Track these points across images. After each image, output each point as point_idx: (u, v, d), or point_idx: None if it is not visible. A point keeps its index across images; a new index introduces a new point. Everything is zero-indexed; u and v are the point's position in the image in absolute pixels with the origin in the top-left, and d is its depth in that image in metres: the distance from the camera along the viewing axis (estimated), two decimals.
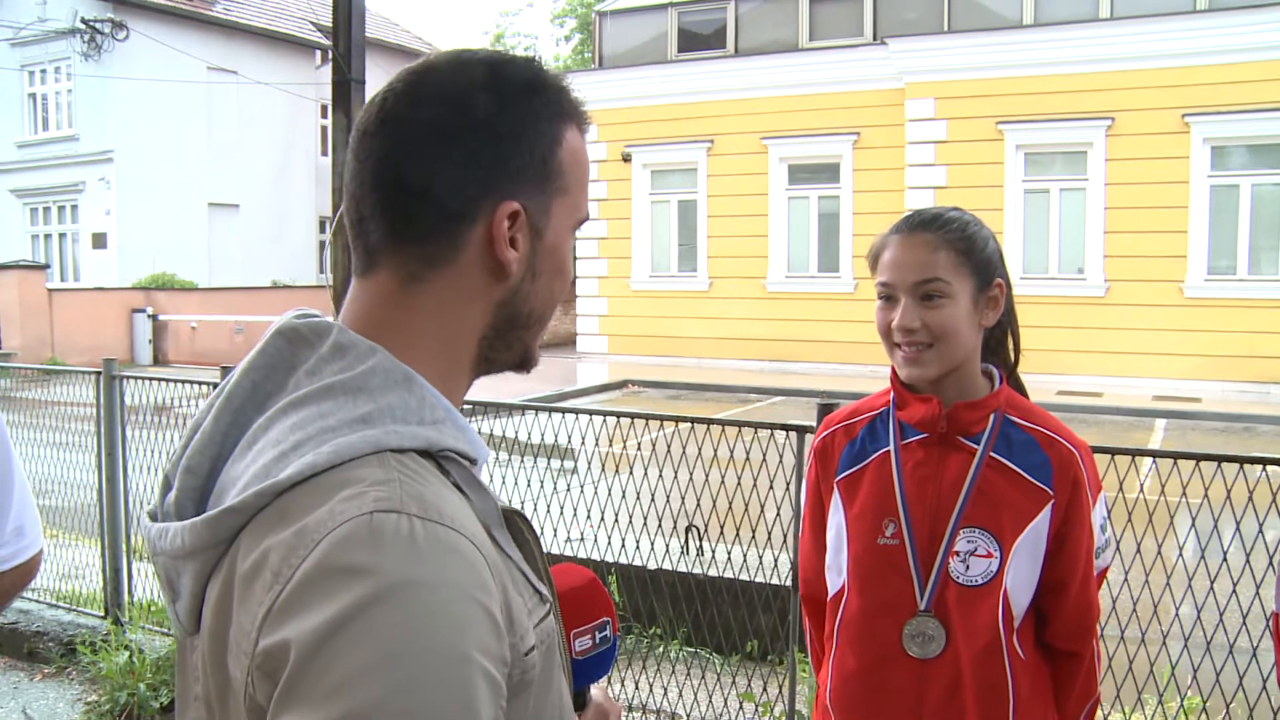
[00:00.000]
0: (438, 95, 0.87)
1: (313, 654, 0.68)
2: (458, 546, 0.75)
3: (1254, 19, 13.72)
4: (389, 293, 0.88)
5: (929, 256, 1.65)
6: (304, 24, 24.08)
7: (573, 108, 0.94)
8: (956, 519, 1.66)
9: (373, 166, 0.87)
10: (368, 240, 0.89)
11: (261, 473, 0.79)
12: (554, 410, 3.89)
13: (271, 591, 0.73)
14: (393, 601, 0.69)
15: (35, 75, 22.49)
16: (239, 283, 21.63)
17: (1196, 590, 2.88)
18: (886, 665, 1.70)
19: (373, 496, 0.74)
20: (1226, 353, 14.10)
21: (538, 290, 0.93)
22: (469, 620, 0.72)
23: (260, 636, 0.72)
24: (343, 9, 4.70)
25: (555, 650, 0.88)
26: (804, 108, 16.86)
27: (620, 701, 4.03)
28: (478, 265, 0.88)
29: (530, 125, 0.89)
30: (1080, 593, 1.69)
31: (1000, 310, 1.72)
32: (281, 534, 0.75)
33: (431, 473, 0.81)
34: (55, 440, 5.91)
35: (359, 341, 0.85)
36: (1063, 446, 1.68)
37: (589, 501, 3.85)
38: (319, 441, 0.78)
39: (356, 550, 0.71)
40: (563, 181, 0.92)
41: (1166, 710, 3.26)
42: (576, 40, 31.81)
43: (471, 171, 0.86)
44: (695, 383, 15.56)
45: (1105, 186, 14.77)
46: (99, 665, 4.24)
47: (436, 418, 0.84)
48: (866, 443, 1.77)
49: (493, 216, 0.87)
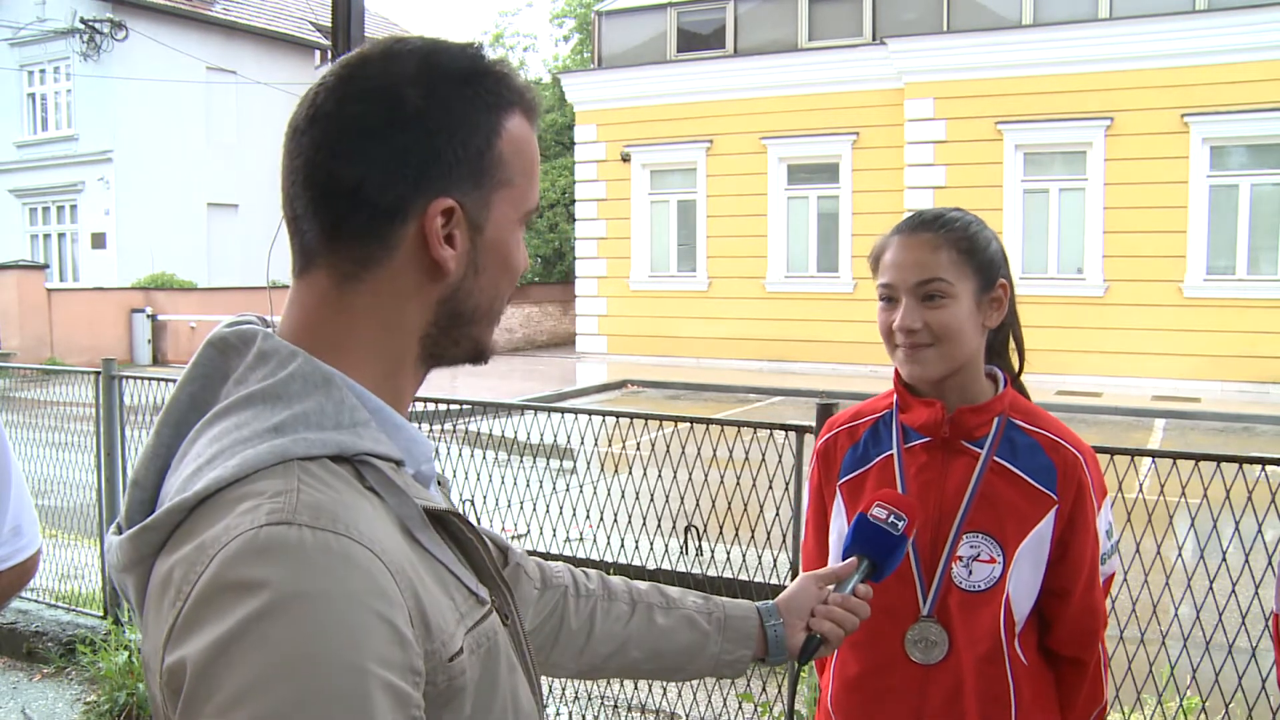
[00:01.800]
0: (367, 90, 0.85)
1: (205, 671, 0.68)
2: (350, 555, 0.73)
3: (1254, 19, 13.72)
4: (324, 294, 0.87)
5: (930, 256, 1.63)
6: (303, 24, 24.07)
7: (515, 95, 0.90)
8: (959, 524, 1.65)
9: (303, 164, 0.85)
10: (303, 239, 0.87)
11: (181, 487, 0.79)
12: (553, 410, 3.89)
13: (174, 609, 0.73)
14: (282, 615, 0.69)
15: (34, 75, 22.48)
16: (238, 283, 21.61)
17: (1196, 590, 2.88)
18: (888, 670, 1.69)
19: (266, 509, 0.73)
20: (1226, 352, 14.10)
21: (481, 285, 0.90)
22: (364, 631, 0.71)
23: (165, 654, 0.72)
24: (342, 9, 4.69)
25: (500, 652, 0.86)
26: (803, 108, 16.87)
27: (621, 702, 4.03)
28: (413, 264, 0.86)
29: (463, 118, 0.86)
30: (1084, 599, 1.67)
31: (1004, 312, 1.71)
32: (185, 550, 0.74)
33: (342, 479, 0.79)
34: (54, 440, 5.91)
35: (281, 347, 0.84)
36: (1067, 451, 1.66)
37: (588, 501, 3.85)
38: (230, 454, 0.78)
39: (247, 564, 0.71)
40: (504, 173, 0.89)
41: (1166, 710, 3.26)
42: (575, 40, 31.81)
43: (401, 169, 0.84)
44: (695, 383, 15.55)
45: (1104, 186, 14.77)
46: (98, 665, 4.23)
47: (356, 420, 0.83)
48: (869, 446, 1.76)
49: (425, 214, 0.85)
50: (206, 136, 22.37)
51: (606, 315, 18.89)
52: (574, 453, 4.24)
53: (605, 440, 7.72)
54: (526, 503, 3.97)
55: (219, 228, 22.71)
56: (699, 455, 3.49)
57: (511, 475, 3.96)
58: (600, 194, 18.83)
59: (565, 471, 4.19)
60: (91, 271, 21.56)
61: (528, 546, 4.30)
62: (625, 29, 19.01)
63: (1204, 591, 2.87)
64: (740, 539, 3.80)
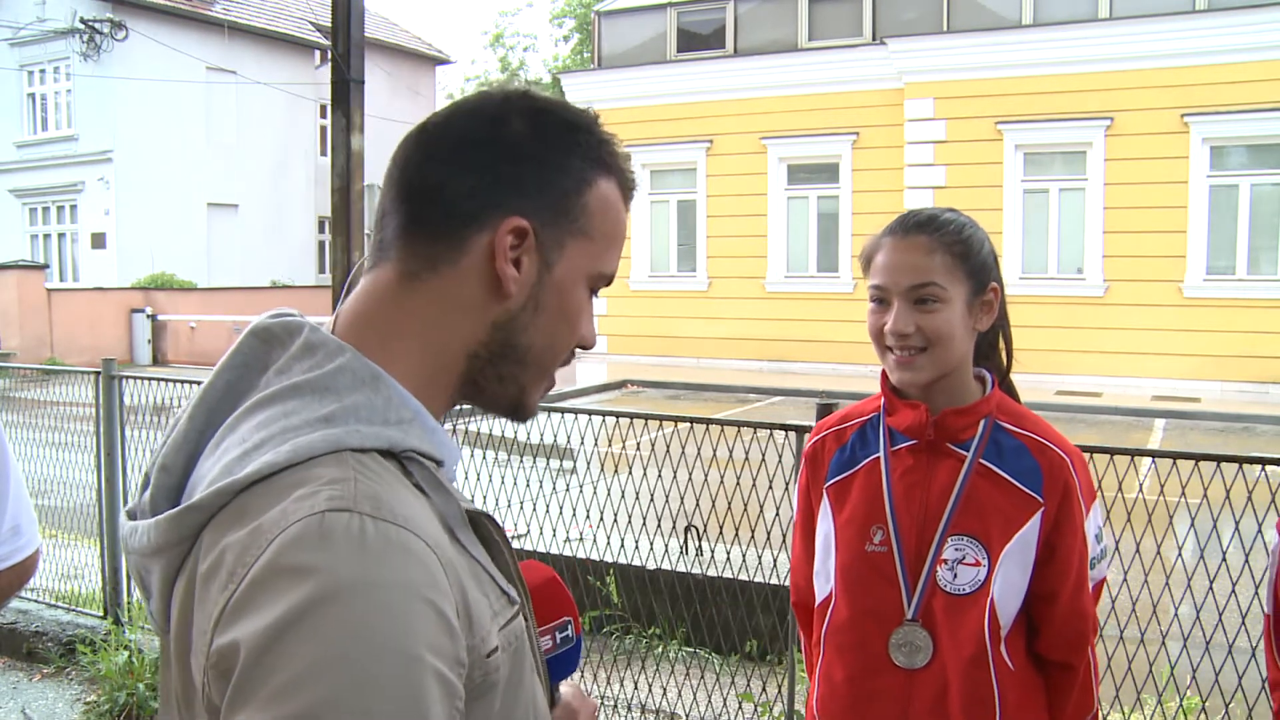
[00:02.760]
0: (476, 110, 0.90)
1: (261, 654, 0.68)
2: (409, 545, 0.74)
3: (1254, 19, 13.72)
4: (386, 288, 0.89)
5: (924, 260, 1.61)
6: (303, 24, 24.07)
7: (613, 161, 0.93)
8: (945, 527, 1.64)
9: (401, 165, 0.90)
10: (383, 234, 0.90)
11: (224, 471, 0.79)
12: (554, 410, 3.89)
13: (226, 591, 0.73)
14: (341, 601, 0.69)
15: (34, 75, 22.48)
16: (238, 283, 21.62)
17: (1196, 590, 2.88)
18: (873, 675, 1.68)
19: (325, 495, 0.74)
20: (1225, 352, 14.10)
21: (539, 325, 0.91)
22: (420, 620, 0.72)
23: (214, 636, 0.72)
24: (342, 9, 4.69)
25: (526, 652, 0.88)
26: (803, 108, 16.87)
27: (621, 702, 4.03)
28: (476, 275, 0.88)
29: (558, 156, 0.89)
30: (1072, 603, 1.65)
31: (995, 315, 1.70)
32: (238, 533, 0.74)
33: (392, 473, 0.80)
34: (54, 440, 5.91)
35: (328, 340, 0.85)
36: (1054, 453, 1.65)
37: (588, 501, 3.85)
38: (280, 440, 0.78)
39: (306, 550, 0.71)
40: (585, 223, 0.90)
41: (1166, 710, 3.26)
42: (575, 40, 31.81)
43: (486, 179, 0.87)
44: (695, 383, 15.56)
45: (1104, 186, 14.77)
46: (98, 665, 4.24)
47: (402, 418, 0.84)
48: (856, 449, 1.76)
49: (498, 228, 0.87)
50: (206, 136, 22.37)
51: (606, 315, 18.88)
52: (574, 453, 4.23)
53: (605, 440, 7.72)
54: (526, 503, 3.97)
55: (219, 228, 22.71)
56: (699, 455, 3.49)
57: (511, 475, 3.96)
58: None
59: (565, 471, 4.19)
60: (91, 271, 21.55)
61: (528, 546, 4.30)
62: (625, 29, 19.02)
63: (1204, 591, 2.87)
64: (740, 539, 3.80)
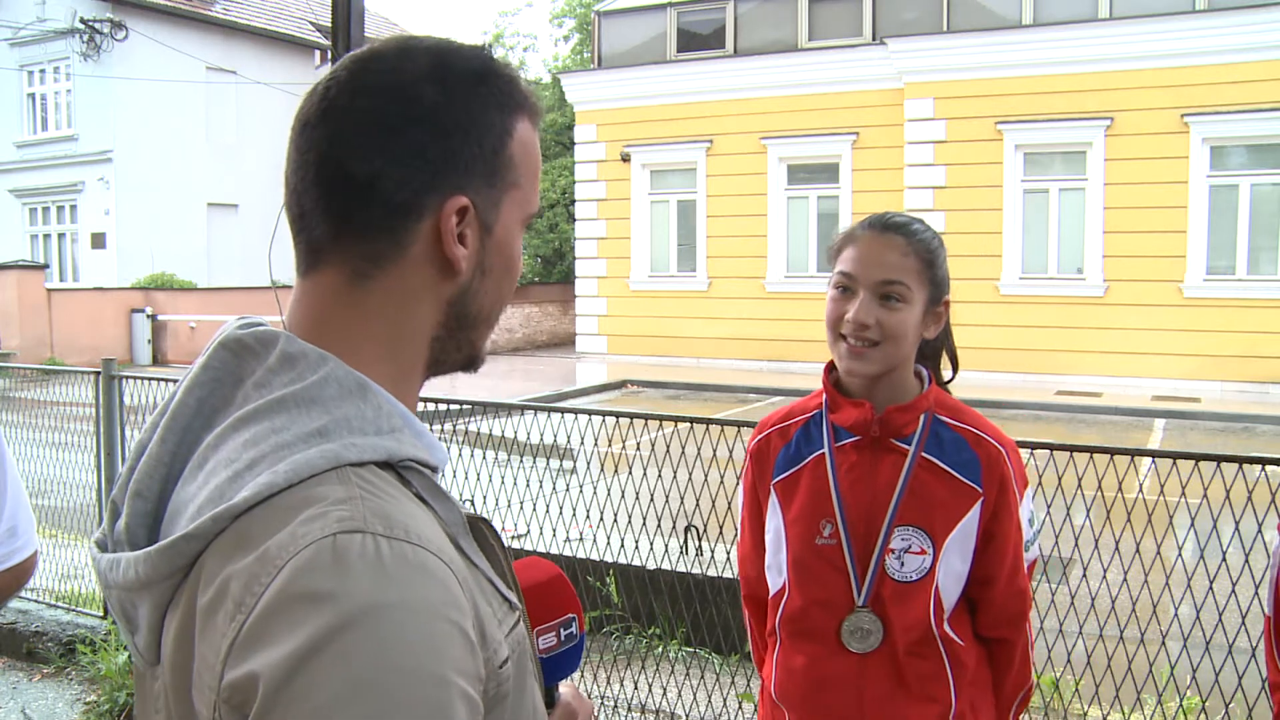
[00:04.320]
0: (381, 85, 0.83)
1: (283, 686, 0.66)
2: (426, 564, 0.72)
3: (1254, 19, 13.72)
4: (334, 292, 0.84)
5: (899, 259, 1.70)
6: (303, 24, 24.08)
7: (523, 98, 0.89)
8: (891, 518, 1.72)
9: (315, 159, 0.83)
10: (310, 236, 0.85)
11: (216, 495, 0.75)
12: (553, 410, 3.89)
13: (235, 622, 0.69)
14: (363, 627, 0.67)
15: (34, 75, 22.48)
16: (238, 283, 21.61)
17: (1196, 590, 2.89)
18: (827, 659, 1.76)
19: (335, 516, 0.71)
20: (1225, 352, 14.10)
21: (487, 288, 0.89)
22: (444, 641, 0.70)
23: (225, 669, 0.69)
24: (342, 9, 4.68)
25: (527, 657, 0.86)
26: (803, 108, 16.87)
27: (621, 702, 4.03)
28: (425, 263, 0.84)
29: (479, 117, 0.85)
30: (1009, 584, 1.75)
31: (941, 326, 1.79)
32: (242, 560, 0.71)
33: (393, 485, 0.78)
34: (54, 440, 5.91)
35: (309, 350, 0.81)
36: (990, 445, 1.73)
37: (588, 501, 3.85)
38: (275, 459, 0.75)
39: (321, 575, 0.68)
40: (513, 175, 0.88)
41: (1166, 710, 3.26)
42: (575, 40, 31.80)
43: (418, 165, 0.82)
44: (694, 383, 15.56)
45: (1104, 186, 14.77)
46: (98, 665, 4.24)
47: (394, 426, 0.81)
48: (801, 445, 1.82)
49: (440, 212, 0.83)
50: (206, 136, 22.37)
51: (606, 315, 18.89)
52: (574, 453, 4.24)
53: (605, 440, 7.72)
54: (526, 503, 3.97)
55: (219, 228, 22.72)
56: (699, 455, 3.49)
57: (511, 475, 3.96)
58: (600, 194, 18.82)
59: (565, 471, 4.19)
60: (91, 271, 21.56)
61: (528, 546, 4.30)
62: (625, 29, 19.01)
63: (1204, 591, 2.87)
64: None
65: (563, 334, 23.07)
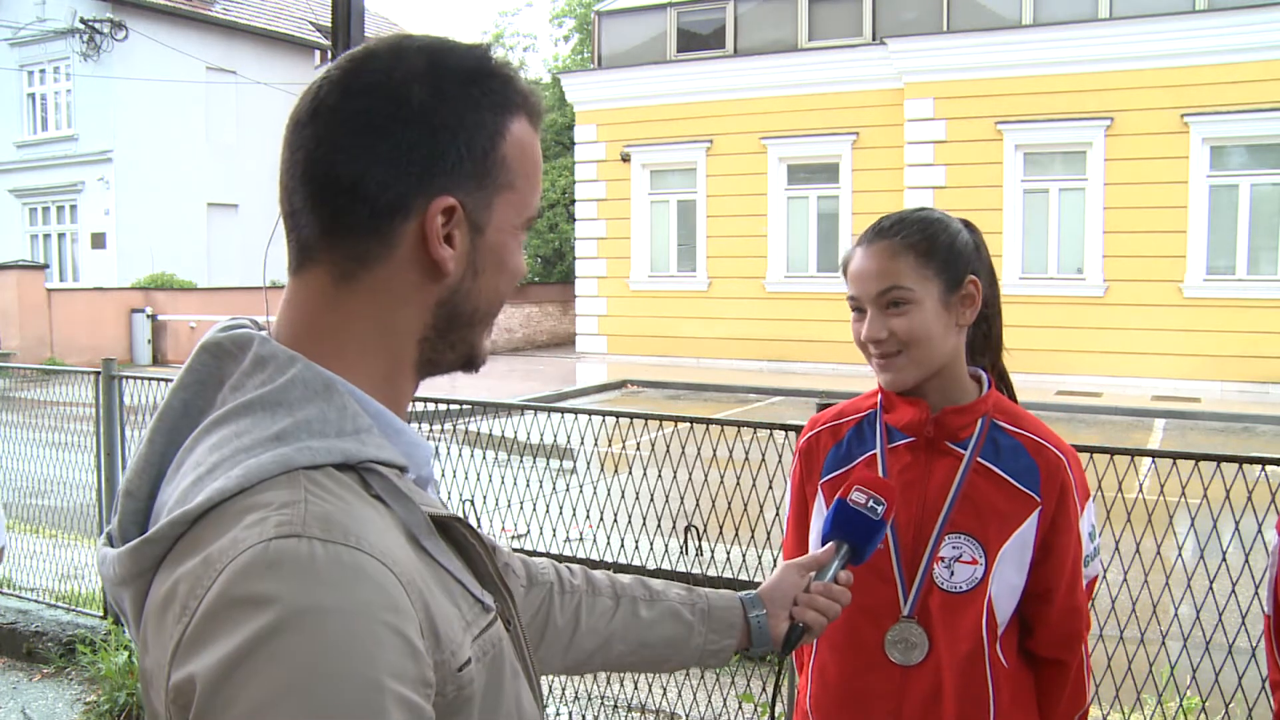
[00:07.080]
0: (371, 85, 0.83)
1: (217, 689, 0.67)
2: (362, 567, 0.72)
3: (1254, 19, 13.72)
4: (321, 292, 0.85)
5: (888, 264, 1.63)
6: (303, 24, 24.07)
7: (520, 98, 0.88)
8: (942, 525, 1.64)
9: (303, 158, 0.84)
10: (300, 235, 0.86)
11: (181, 498, 0.77)
12: (553, 410, 3.89)
13: (180, 624, 0.71)
14: (295, 630, 0.67)
15: (34, 75, 22.48)
16: (238, 283, 21.60)
17: (1196, 590, 2.88)
18: (867, 671, 1.68)
19: (274, 521, 0.72)
20: (1225, 352, 14.10)
21: (480, 288, 0.89)
22: (378, 645, 0.70)
23: (172, 670, 0.71)
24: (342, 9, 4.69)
25: (505, 659, 0.86)
26: (803, 108, 16.87)
27: (621, 702, 4.03)
28: (412, 263, 0.84)
29: (469, 117, 0.84)
30: (1066, 601, 1.66)
31: (978, 307, 1.69)
32: (189, 564, 0.73)
33: (348, 487, 0.78)
34: (54, 440, 5.91)
35: (279, 352, 0.82)
36: (1050, 453, 1.65)
37: (588, 501, 3.85)
38: (232, 463, 0.76)
39: (255, 579, 0.69)
40: (506, 176, 0.87)
41: (1166, 710, 3.26)
42: (575, 40, 31.80)
43: (403, 166, 0.82)
44: (694, 383, 15.56)
45: (1104, 186, 14.77)
46: (98, 665, 4.23)
47: (359, 427, 0.81)
48: (853, 445, 1.75)
49: (426, 212, 0.83)
50: (206, 136, 22.37)
51: (606, 315, 18.89)
52: (574, 453, 4.24)
53: (605, 440, 7.72)
54: (526, 503, 3.97)
55: (219, 228, 22.72)
56: (699, 455, 3.49)
57: (511, 475, 3.96)
58: (600, 194, 18.82)
59: (565, 471, 4.19)
60: (91, 271, 21.56)
61: (528, 546, 4.29)
62: (625, 29, 19.01)
63: (1204, 591, 2.87)
64: (740, 539, 3.80)
65: (563, 334, 23.07)
